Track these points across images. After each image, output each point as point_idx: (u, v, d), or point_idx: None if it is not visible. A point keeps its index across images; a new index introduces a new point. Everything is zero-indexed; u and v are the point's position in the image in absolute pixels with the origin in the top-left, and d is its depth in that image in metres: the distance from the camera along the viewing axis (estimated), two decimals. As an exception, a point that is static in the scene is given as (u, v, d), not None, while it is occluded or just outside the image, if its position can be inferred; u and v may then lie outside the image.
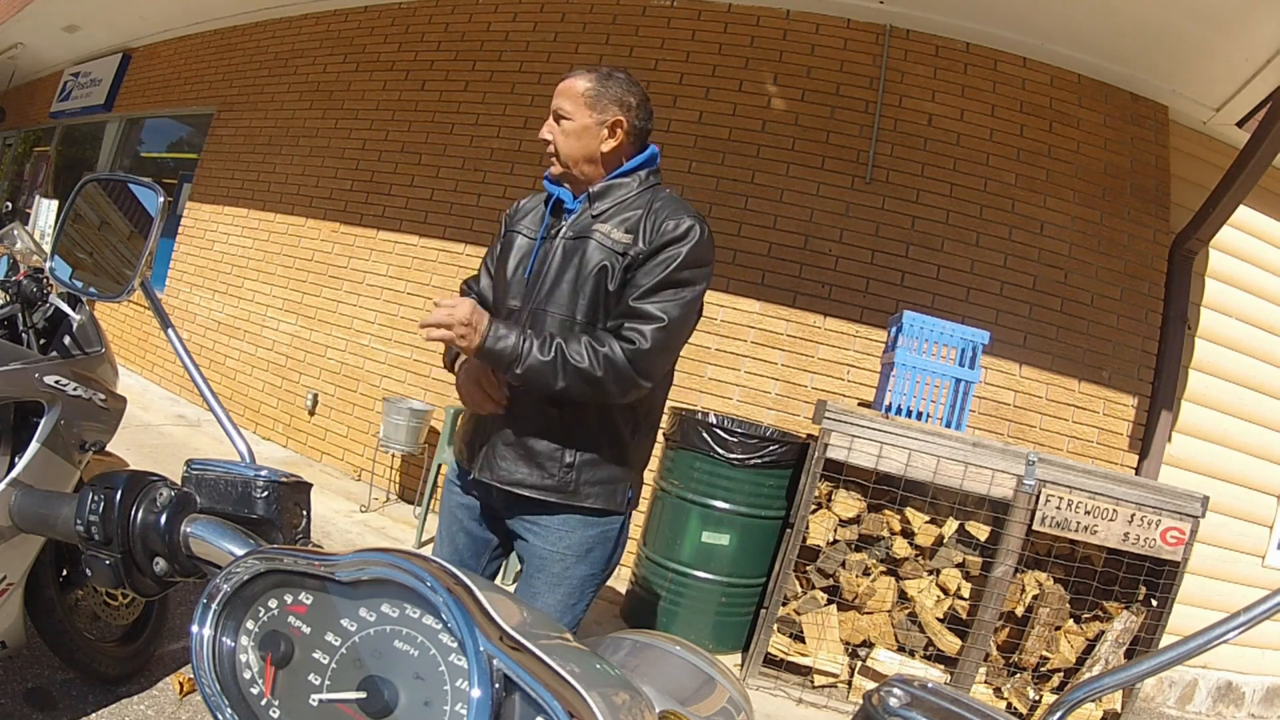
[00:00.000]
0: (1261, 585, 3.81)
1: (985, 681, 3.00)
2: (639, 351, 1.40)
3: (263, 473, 0.63)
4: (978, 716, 0.49)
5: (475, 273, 1.74)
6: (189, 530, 0.60)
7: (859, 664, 3.01)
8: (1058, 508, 2.83)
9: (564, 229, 1.55)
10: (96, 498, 0.59)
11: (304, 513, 0.64)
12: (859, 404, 3.53)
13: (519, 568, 1.65)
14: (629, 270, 1.46)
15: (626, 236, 1.47)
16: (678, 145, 4.07)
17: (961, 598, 3.00)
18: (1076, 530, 2.84)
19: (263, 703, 0.50)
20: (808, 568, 2.99)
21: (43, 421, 1.70)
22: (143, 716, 2.01)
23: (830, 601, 3.00)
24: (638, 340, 1.40)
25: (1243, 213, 3.69)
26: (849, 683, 3.01)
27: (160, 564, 0.60)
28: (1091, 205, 3.81)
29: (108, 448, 1.99)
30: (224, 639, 0.52)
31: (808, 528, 2.95)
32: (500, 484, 1.52)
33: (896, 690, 0.51)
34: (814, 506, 2.96)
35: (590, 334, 1.44)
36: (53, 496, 0.64)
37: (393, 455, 4.35)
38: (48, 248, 1.33)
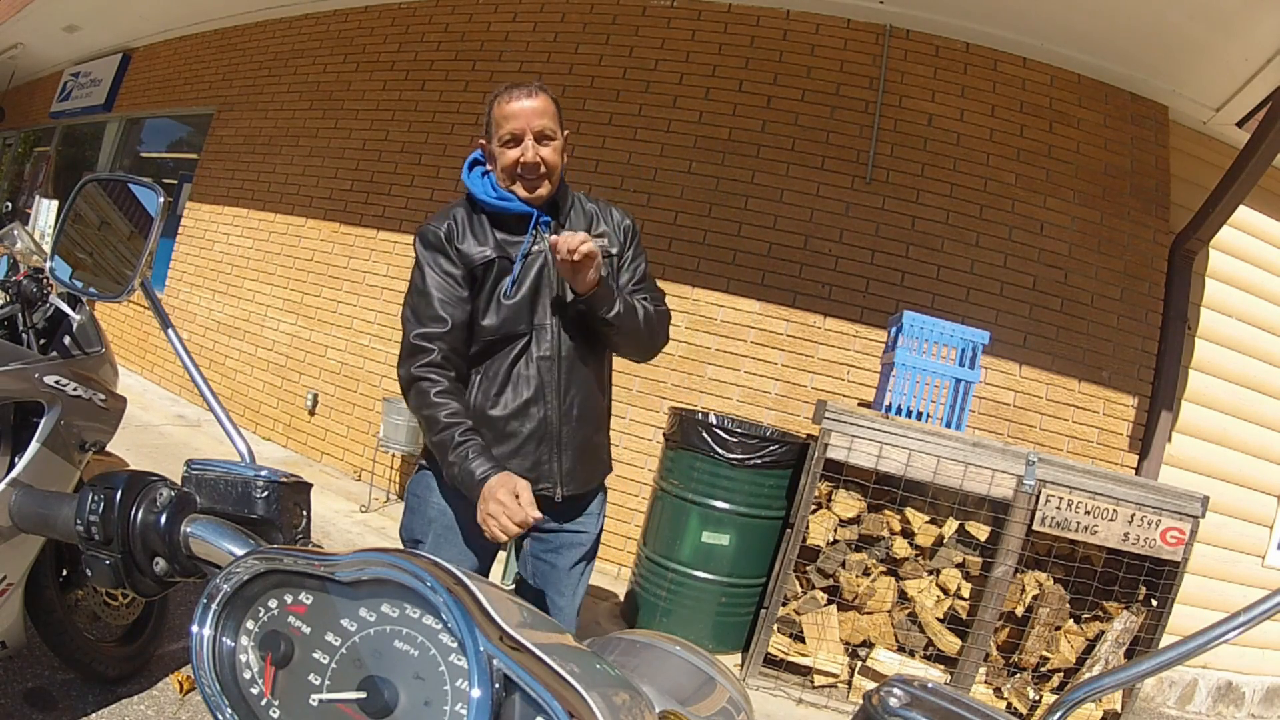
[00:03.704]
0: (1261, 585, 3.81)
1: (985, 681, 3.00)
2: (668, 311, 1.65)
3: (263, 473, 0.63)
4: (978, 716, 0.49)
5: (424, 326, 1.52)
6: (189, 530, 0.60)
7: (859, 664, 3.00)
8: (1058, 508, 2.83)
9: (544, 243, 1.57)
10: (96, 498, 0.59)
11: (304, 513, 0.64)
12: (859, 404, 3.53)
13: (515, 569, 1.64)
14: (618, 267, 1.65)
15: (604, 240, 1.57)
16: (678, 145, 4.07)
17: (961, 598, 3.00)
18: (1076, 530, 2.84)
19: (263, 703, 0.50)
20: (808, 568, 2.99)
21: (43, 421, 1.70)
22: (143, 716, 2.01)
23: (830, 601, 3.00)
24: (663, 304, 1.64)
25: (1243, 213, 3.69)
26: (849, 683, 3.01)
27: (160, 564, 0.60)
28: (1091, 205, 3.81)
29: (108, 448, 1.99)
30: (224, 639, 0.52)
31: (808, 528, 2.94)
32: (582, 490, 1.57)
33: (896, 690, 0.51)
34: (814, 506, 2.96)
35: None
36: (53, 496, 0.64)
37: (393, 455, 4.35)
38: (48, 248, 1.33)
